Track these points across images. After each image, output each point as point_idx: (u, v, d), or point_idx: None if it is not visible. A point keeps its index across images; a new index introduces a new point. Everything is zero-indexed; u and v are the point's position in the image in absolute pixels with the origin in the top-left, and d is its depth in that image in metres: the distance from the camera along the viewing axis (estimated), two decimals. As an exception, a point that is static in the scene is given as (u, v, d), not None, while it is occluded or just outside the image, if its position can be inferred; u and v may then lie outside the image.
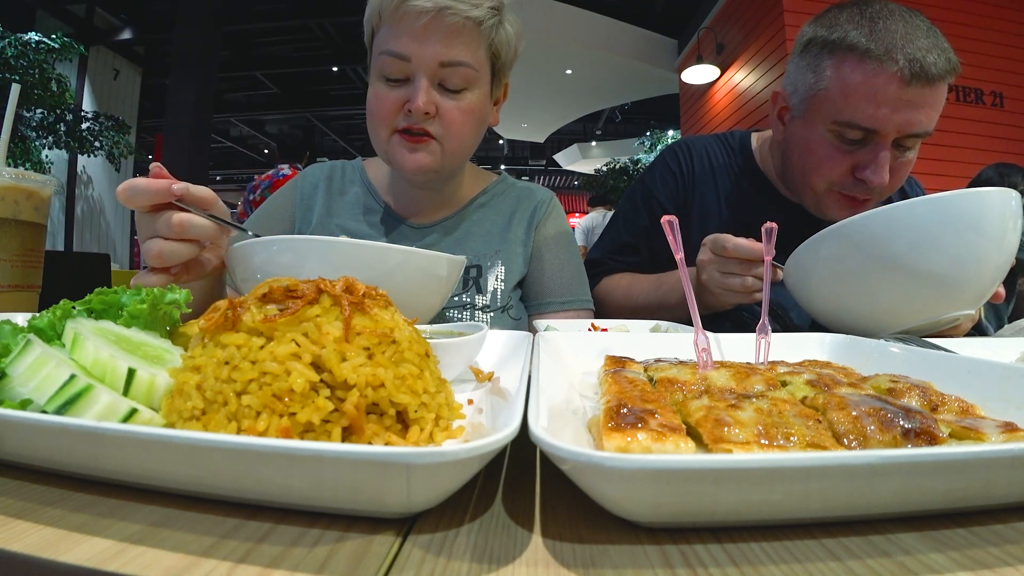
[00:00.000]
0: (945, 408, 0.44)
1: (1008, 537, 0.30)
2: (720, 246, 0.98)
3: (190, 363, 0.41)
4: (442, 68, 1.00)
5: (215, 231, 0.77)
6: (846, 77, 1.04)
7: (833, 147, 1.10)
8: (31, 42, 5.91)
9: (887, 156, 1.05)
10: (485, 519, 0.33)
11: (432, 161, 1.05)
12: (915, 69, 0.98)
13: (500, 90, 1.17)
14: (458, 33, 1.00)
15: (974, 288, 0.83)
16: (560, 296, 1.23)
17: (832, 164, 1.10)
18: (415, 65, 1.00)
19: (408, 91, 1.01)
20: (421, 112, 1.00)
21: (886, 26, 1.01)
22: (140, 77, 9.42)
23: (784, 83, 1.22)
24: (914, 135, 1.04)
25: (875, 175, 1.05)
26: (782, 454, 0.32)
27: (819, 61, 1.09)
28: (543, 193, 1.33)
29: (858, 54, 1.02)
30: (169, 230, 0.74)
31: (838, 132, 1.08)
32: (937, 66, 0.98)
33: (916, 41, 0.99)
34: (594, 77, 9.51)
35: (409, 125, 1.02)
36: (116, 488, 0.34)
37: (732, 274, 0.99)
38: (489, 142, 16.83)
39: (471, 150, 1.13)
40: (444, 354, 0.53)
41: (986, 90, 5.45)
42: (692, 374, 0.49)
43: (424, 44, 0.98)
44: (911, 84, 0.99)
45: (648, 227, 1.39)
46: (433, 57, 0.99)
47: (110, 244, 8.71)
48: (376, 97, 1.04)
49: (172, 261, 0.75)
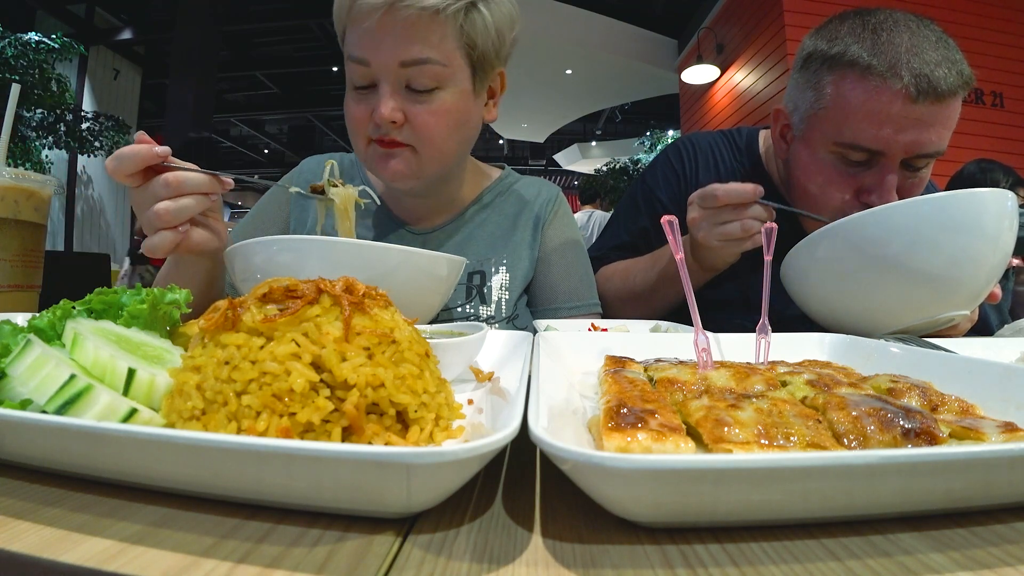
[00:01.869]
0: (945, 408, 0.44)
1: (1008, 537, 0.30)
2: (710, 196, 0.95)
3: (190, 363, 0.41)
4: (404, 68, 0.91)
5: (210, 183, 0.78)
6: (846, 95, 0.97)
7: (836, 170, 1.03)
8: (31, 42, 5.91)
9: (894, 180, 0.97)
10: (485, 519, 0.33)
11: (407, 169, 0.99)
12: (922, 85, 0.90)
13: (491, 82, 1.06)
14: (415, 27, 0.89)
15: (970, 289, 0.83)
16: (568, 301, 1.20)
17: (836, 188, 1.03)
18: (375, 69, 0.92)
19: (373, 100, 0.94)
20: (387, 122, 0.92)
21: (890, 39, 0.94)
22: (140, 77, 9.42)
23: (785, 100, 1.16)
24: (924, 155, 0.97)
25: (881, 200, 0.97)
26: (782, 454, 0.32)
27: (819, 78, 1.02)
28: (549, 190, 1.28)
29: (859, 70, 0.95)
30: (166, 189, 0.75)
31: (840, 154, 1.01)
32: (947, 81, 0.91)
33: (923, 54, 0.91)
34: (594, 77, 9.51)
35: (380, 136, 0.96)
36: (116, 488, 0.34)
37: (727, 221, 0.95)
38: (489, 142, 16.83)
39: (456, 154, 1.04)
40: (444, 354, 0.53)
41: (986, 90, 5.45)
42: (692, 374, 0.49)
43: (380, 44, 0.90)
44: (918, 101, 0.91)
45: (648, 227, 1.37)
46: (392, 57, 0.90)
47: (110, 244, 8.70)
48: (347, 108, 0.99)
49: (178, 217, 0.76)
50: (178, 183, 0.75)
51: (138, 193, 0.77)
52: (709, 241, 0.98)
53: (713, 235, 0.97)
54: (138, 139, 0.76)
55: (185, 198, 0.76)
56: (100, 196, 8.64)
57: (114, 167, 0.74)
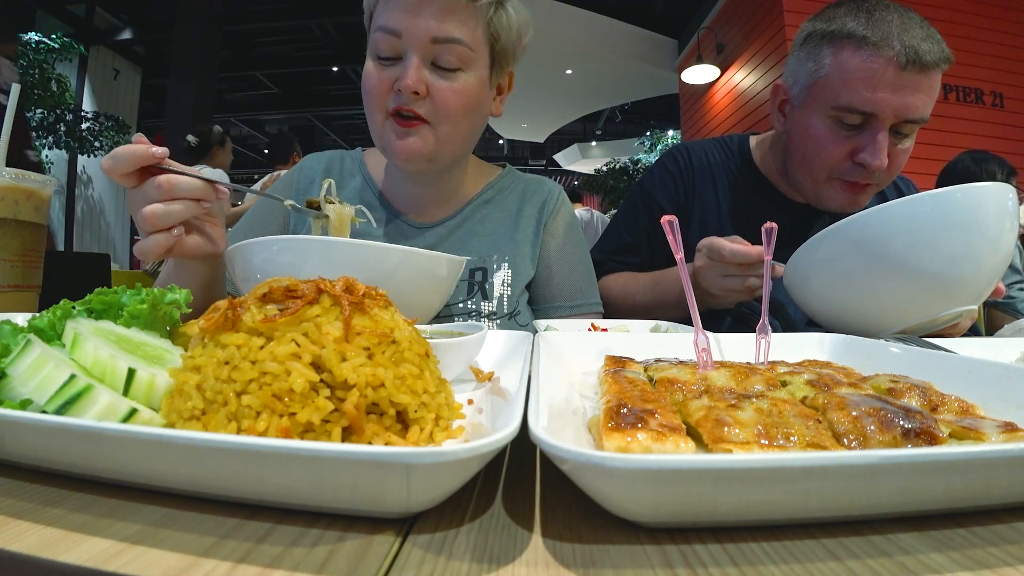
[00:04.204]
0: (945, 408, 0.44)
1: (1008, 537, 0.30)
2: (716, 252, 0.99)
3: (190, 363, 0.41)
4: (434, 44, 0.97)
5: (204, 189, 0.78)
6: (844, 63, 1.09)
7: (833, 133, 1.14)
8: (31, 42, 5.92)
9: (884, 139, 1.09)
10: (485, 519, 0.33)
11: (423, 147, 1.01)
12: (910, 55, 1.03)
13: (502, 79, 1.12)
14: (452, 9, 0.97)
15: (973, 285, 0.83)
16: (570, 299, 1.20)
17: (832, 149, 1.14)
18: (406, 41, 0.96)
19: (400, 70, 0.98)
20: (410, 90, 0.96)
21: (882, 16, 1.07)
22: (140, 77, 9.42)
23: (784, 76, 1.26)
24: (911, 120, 1.08)
25: (873, 157, 1.09)
26: (782, 454, 0.32)
27: (819, 51, 1.13)
28: (551, 187, 1.28)
29: (856, 41, 1.07)
30: (157, 191, 0.74)
31: (837, 117, 1.12)
32: (932, 54, 1.04)
33: (911, 31, 1.04)
34: (594, 77, 9.51)
35: (399, 106, 0.98)
36: (116, 488, 0.34)
37: (732, 276, 1.00)
38: (489, 142, 16.84)
39: (467, 138, 1.08)
40: (444, 354, 0.53)
41: (986, 90, 5.45)
42: (692, 374, 0.49)
43: (416, 18, 0.95)
44: (906, 69, 1.04)
45: (648, 228, 1.40)
46: (425, 32, 0.96)
47: (110, 244, 8.70)
48: (368, 76, 1.01)
49: (167, 221, 0.75)
50: (170, 186, 0.74)
51: (133, 194, 0.76)
52: (711, 290, 1.04)
53: (716, 286, 1.03)
54: (136, 140, 0.76)
55: (176, 203, 0.75)
56: (100, 196, 8.64)
57: (110, 166, 0.74)
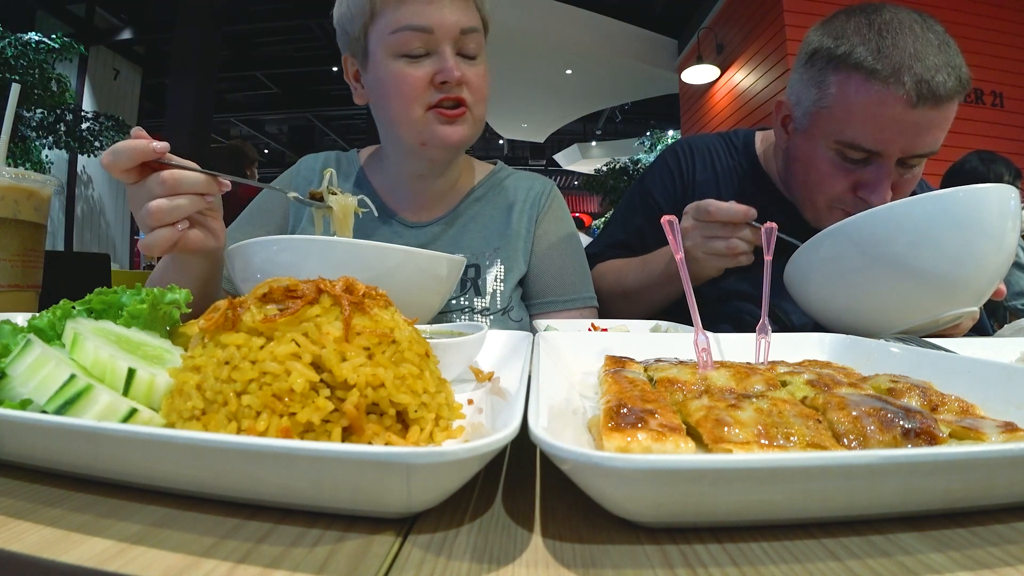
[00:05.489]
0: (945, 408, 0.44)
1: (1008, 537, 0.30)
2: (704, 211, 0.98)
3: (190, 363, 0.41)
4: (462, 35, 1.02)
5: (207, 183, 0.78)
6: (850, 97, 1.00)
7: (835, 165, 1.07)
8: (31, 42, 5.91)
9: (889, 174, 1.02)
10: (485, 519, 0.33)
11: (467, 131, 1.07)
12: (922, 91, 0.93)
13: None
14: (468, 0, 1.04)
15: (974, 286, 0.83)
16: (564, 294, 1.21)
17: (833, 181, 1.08)
18: (439, 36, 1.00)
19: (431, 65, 1.02)
20: (457, 80, 1.01)
21: (895, 42, 0.96)
22: (140, 77, 9.42)
23: (788, 92, 1.19)
24: (919, 155, 1.02)
25: (876, 196, 1.02)
26: (782, 454, 0.32)
27: (823, 76, 1.04)
28: (543, 183, 1.30)
29: (864, 73, 0.97)
30: (162, 187, 0.74)
31: (839, 151, 1.05)
32: (946, 86, 0.94)
33: (926, 59, 0.94)
34: (594, 77, 9.51)
35: (444, 97, 1.02)
36: (116, 488, 0.34)
37: (716, 237, 0.98)
38: (489, 142, 16.83)
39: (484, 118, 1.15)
40: (444, 354, 0.53)
41: (986, 90, 5.45)
42: (692, 374, 0.49)
43: (444, 13, 1.01)
44: (918, 106, 0.94)
45: (643, 226, 1.38)
46: (455, 24, 1.01)
47: (110, 244, 8.71)
48: (400, 77, 1.02)
49: (172, 216, 0.75)
50: (174, 181, 0.74)
51: (134, 190, 0.76)
52: (695, 252, 1.02)
53: (700, 247, 1.01)
54: (135, 134, 0.75)
55: (180, 197, 0.75)
56: (100, 196, 8.64)
57: (110, 161, 0.73)
